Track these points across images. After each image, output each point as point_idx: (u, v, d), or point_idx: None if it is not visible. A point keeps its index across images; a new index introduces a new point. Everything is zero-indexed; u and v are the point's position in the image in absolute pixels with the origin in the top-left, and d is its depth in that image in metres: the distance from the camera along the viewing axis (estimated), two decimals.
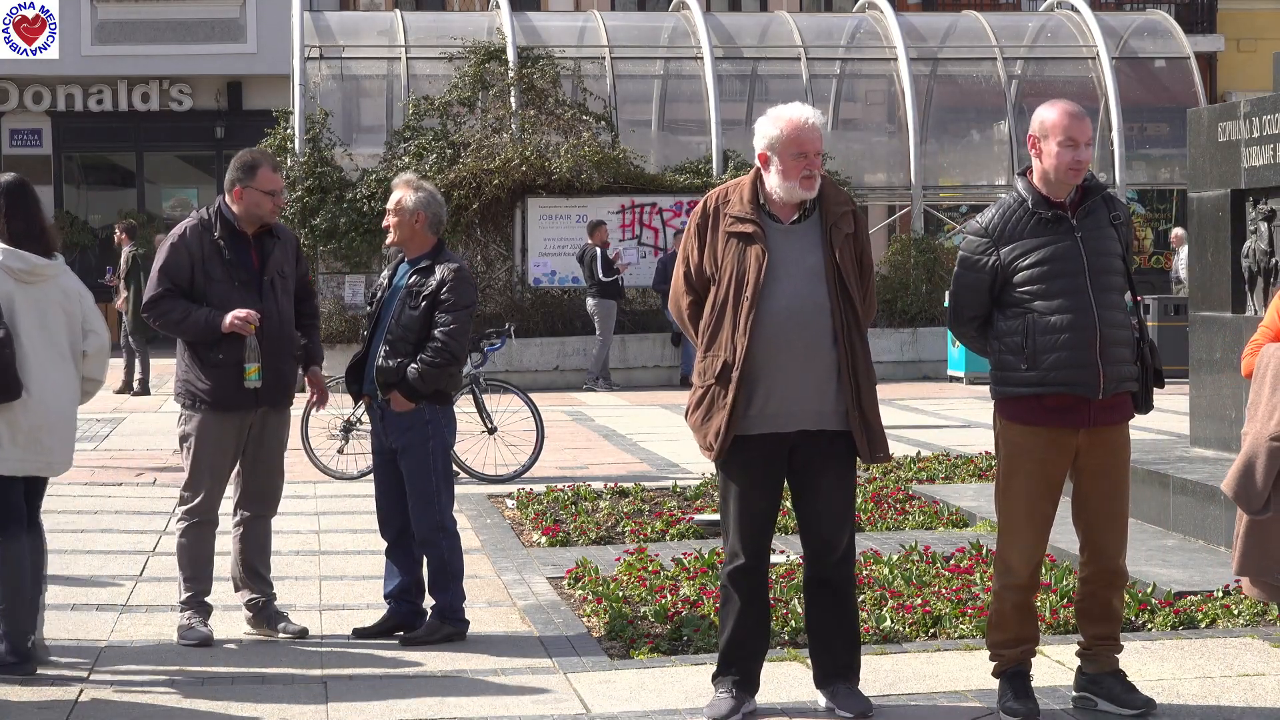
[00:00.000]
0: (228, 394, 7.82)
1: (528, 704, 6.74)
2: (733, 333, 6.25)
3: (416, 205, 7.94)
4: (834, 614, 6.46)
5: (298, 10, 24.50)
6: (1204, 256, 10.34)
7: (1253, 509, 6.03)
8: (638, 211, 23.77)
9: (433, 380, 7.84)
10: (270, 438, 8.02)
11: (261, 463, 8.03)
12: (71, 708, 6.75)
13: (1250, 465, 5.99)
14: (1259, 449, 5.95)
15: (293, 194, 22.97)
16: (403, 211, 7.94)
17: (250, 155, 8.03)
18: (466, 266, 8.19)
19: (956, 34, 26.96)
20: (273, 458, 8.06)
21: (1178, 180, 25.94)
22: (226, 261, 7.85)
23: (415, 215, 7.94)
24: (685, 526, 10.53)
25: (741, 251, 6.28)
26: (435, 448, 7.92)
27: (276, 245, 7.99)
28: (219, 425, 7.87)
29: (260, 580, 8.06)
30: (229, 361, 7.80)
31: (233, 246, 7.88)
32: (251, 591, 8.04)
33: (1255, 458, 5.95)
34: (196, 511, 7.94)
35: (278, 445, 8.08)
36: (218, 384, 7.82)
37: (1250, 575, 6.08)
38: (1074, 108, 6.31)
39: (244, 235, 7.92)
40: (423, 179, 8.29)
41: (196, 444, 7.90)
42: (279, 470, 8.13)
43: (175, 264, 7.86)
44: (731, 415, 6.24)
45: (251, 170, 7.88)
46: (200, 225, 7.90)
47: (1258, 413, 6.27)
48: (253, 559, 8.05)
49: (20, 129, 32.87)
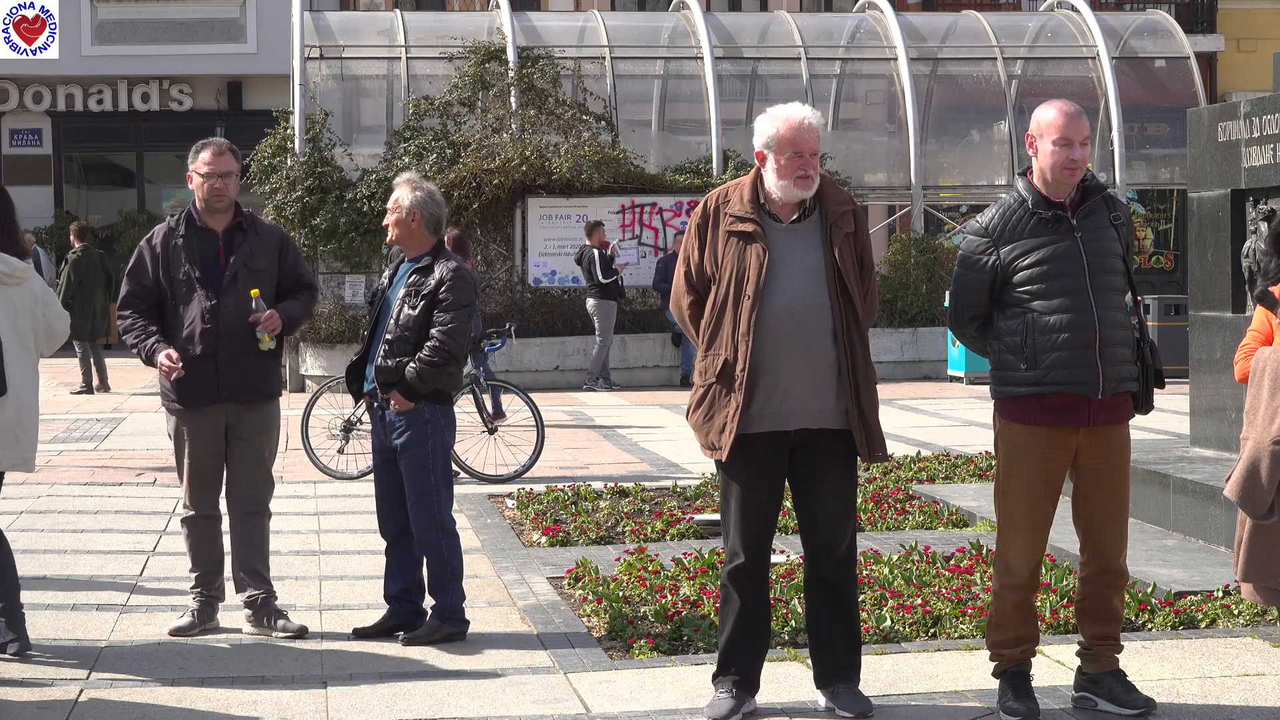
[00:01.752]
0: (188, 392, 7.93)
1: (528, 704, 6.74)
2: (733, 332, 6.26)
3: (413, 205, 7.96)
4: (835, 614, 6.46)
5: (298, 10, 24.50)
6: (1204, 256, 10.34)
7: (1258, 514, 6.03)
8: (638, 211, 23.77)
9: (431, 379, 7.84)
10: (247, 436, 8.03)
11: (240, 461, 8.06)
12: (71, 708, 6.75)
13: (1254, 470, 5.99)
14: (1262, 453, 5.94)
15: (293, 194, 22.98)
16: (400, 210, 7.98)
17: (201, 140, 8.16)
18: (466, 266, 8.18)
19: (956, 34, 26.95)
20: (250, 457, 8.06)
21: (1178, 180, 25.92)
22: (187, 257, 7.94)
23: (412, 215, 7.96)
24: (685, 526, 10.53)
25: (742, 251, 6.29)
26: (435, 447, 7.92)
27: (246, 240, 8.02)
28: (189, 422, 8.00)
29: (258, 579, 8.07)
30: (185, 358, 7.85)
31: (197, 242, 7.98)
32: (250, 590, 8.06)
33: (1259, 462, 5.95)
34: (187, 506, 8.12)
35: (255, 444, 8.06)
36: (178, 383, 7.93)
37: (1254, 581, 6.07)
38: (1070, 107, 6.31)
39: (210, 231, 8.00)
40: (425, 179, 8.31)
41: (174, 442, 8.11)
42: (260, 470, 8.10)
43: (138, 267, 8.04)
44: (734, 414, 6.24)
45: (194, 154, 8.05)
46: (169, 225, 8.06)
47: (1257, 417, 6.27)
48: (248, 558, 8.08)
49: (20, 129, 32.87)
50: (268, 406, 8.10)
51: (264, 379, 8.03)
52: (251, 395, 7.98)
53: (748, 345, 6.23)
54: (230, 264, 7.95)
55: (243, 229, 8.04)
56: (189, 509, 8.10)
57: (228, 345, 7.88)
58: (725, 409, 6.28)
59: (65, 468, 14.30)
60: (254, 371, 7.97)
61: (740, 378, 6.24)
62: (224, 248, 7.99)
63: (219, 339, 7.87)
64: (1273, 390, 5.93)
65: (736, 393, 6.24)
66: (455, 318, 7.86)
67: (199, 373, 7.88)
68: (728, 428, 6.26)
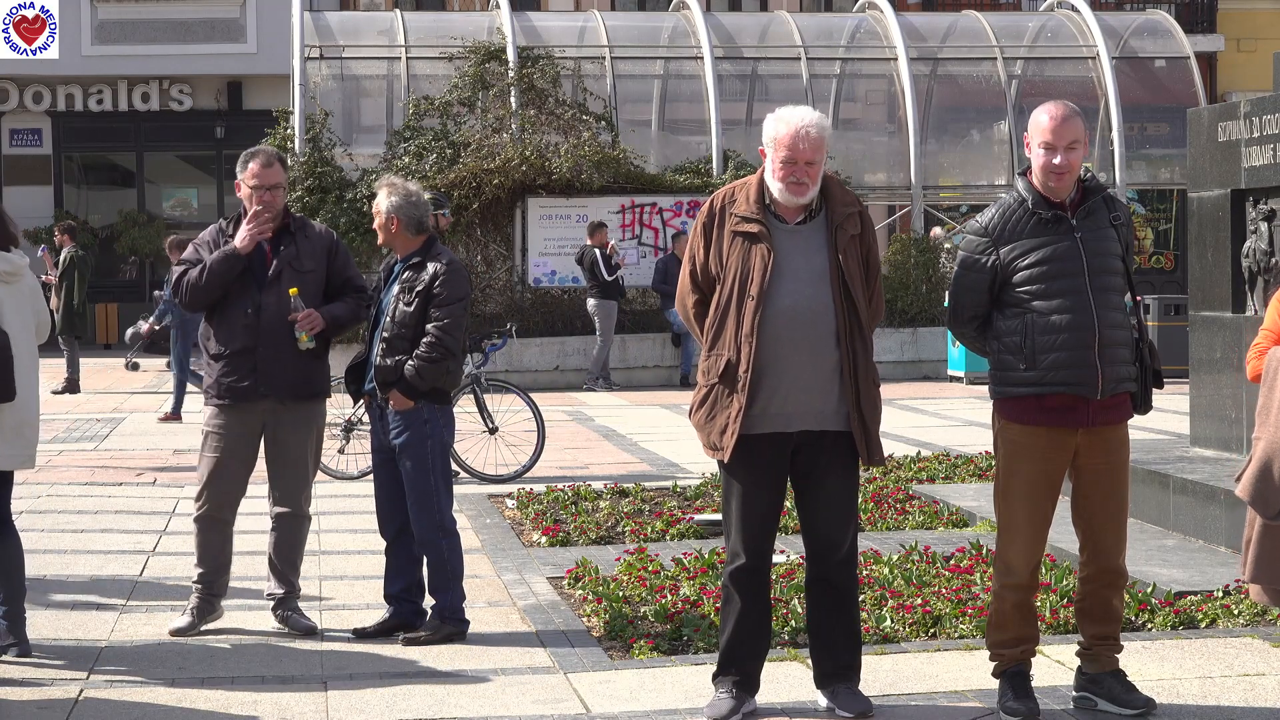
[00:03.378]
0: (225, 386, 7.92)
1: (528, 704, 6.74)
2: (736, 332, 6.26)
3: (390, 210, 7.96)
4: (835, 614, 6.45)
5: (298, 10, 24.50)
6: (1204, 256, 10.34)
7: (1269, 514, 6.02)
8: (638, 211, 23.77)
9: (430, 376, 7.83)
10: (284, 434, 8.02)
11: (277, 459, 8.06)
12: (71, 708, 6.75)
13: (1267, 469, 5.97)
14: (1275, 453, 5.92)
15: (293, 194, 22.97)
16: (379, 215, 8.02)
17: (251, 150, 8.18)
18: (458, 260, 8.13)
19: (956, 34, 26.96)
20: (288, 454, 8.05)
21: (1178, 180, 25.93)
22: None
23: (390, 219, 7.96)
24: (685, 526, 10.53)
25: (746, 251, 6.29)
26: (434, 447, 7.91)
27: (294, 241, 8.05)
28: (224, 419, 7.97)
29: (281, 576, 8.11)
30: (226, 352, 7.89)
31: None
32: (275, 585, 8.12)
33: (1272, 461, 5.92)
34: (200, 505, 8.07)
35: (294, 442, 8.04)
36: (217, 376, 7.96)
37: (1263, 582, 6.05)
38: (1061, 110, 6.28)
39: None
40: (406, 180, 8.31)
41: (204, 437, 8.08)
42: (298, 468, 8.08)
43: (193, 257, 8.07)
44: (736, 415, 6.24)
45: (243, 163, 8.07)
46: (219, 226, 8.14)
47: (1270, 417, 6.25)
48: (277, 554, 8.11)
49: (20, 129, 32.89)
50: (307, 406, 8.07)
51: (303, 379, 8.00)
52: (289, 394, 7.96)
53: (751, 346, 6.23)
54: (275, 264, 7.97)
55: (290, 231, 8.07)
56: (201, 508, 8.02)
57: (268, 343, 7.88)
58: (728, 410, 6.28)
59: (65, 468, 14.29)
60: (293, 370, 7.95)
61: (743, 379, 6.24)
62: (270, 248, 8.01)
63: (260, 336, 7.88)
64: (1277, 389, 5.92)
65: (739, 394, 6.24)
66: (450, 312, 7.85)
67: (238, 368, 7.89)
68: (730, 429, 6.26)
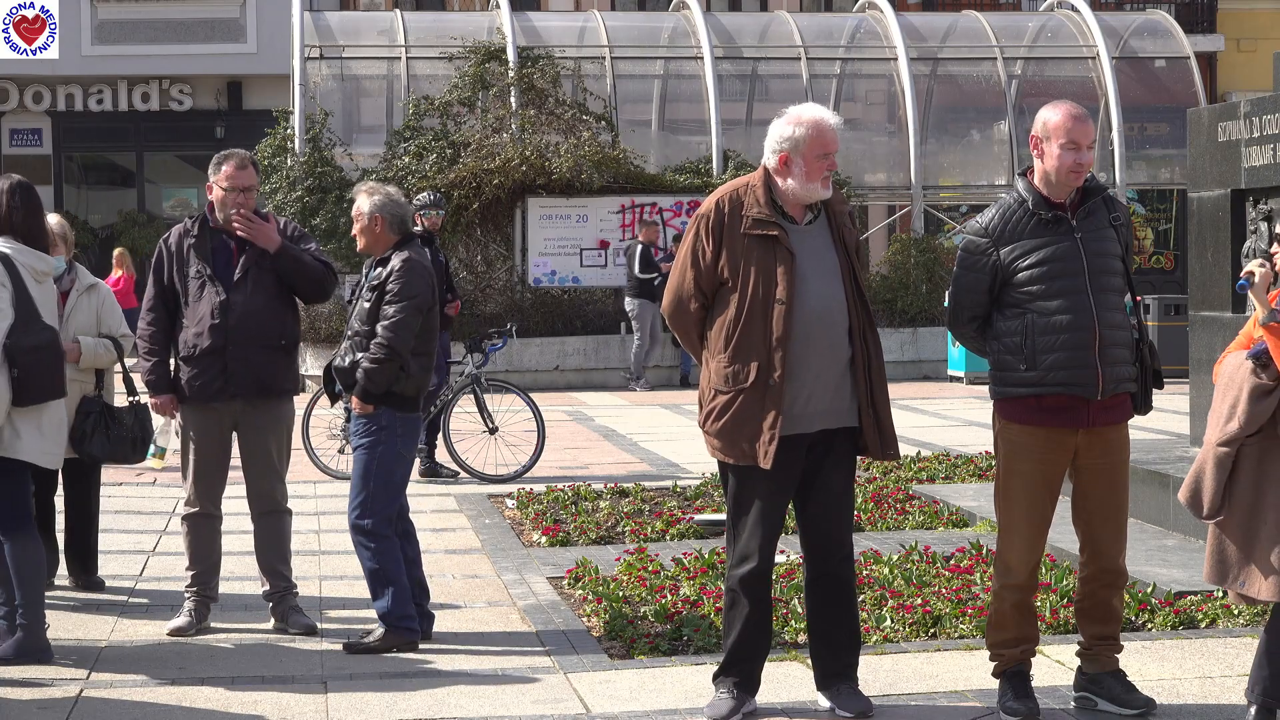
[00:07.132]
0: (194, 387, 7.98)
1: (528, 704, 6.75)
2: (766, 337, 6.17)
3: (373, 209, 7.85)
4: (838, 613, 6.45)
5: (298, 10, 24.51)
6: (1204, 256, 10.33)
7: (1204, 515, 6.07)
8: (638, 212, 23.77)
9: (379, 379, 7.55)
10: (255, 434, 8.04)
11: (249, 459, 8.10)
12: (71, 708, 6.75)
13: (1199, 471, 6.04)
14: (1207, 455, 6.00)
15: (293, 194, 22.99)
16: (362, 218, 7.89)
17: (223, 152, 8.19)
18: (421, 259, 7.81)
19: (956, 34, 26.96)
20: (259, 455, 8.07)
21: (1178, 180, 25.93)
22: (199, 255, 8.00)
23: (374, 219, 7.85)
24: (685, 526, 10.53)
25: (765, 254, 6.21)
26: (384, 454, 7.63)
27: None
28: (195, 418, 8.03)
29: (275, 575, 8.13)
30: (195, 354, 7.93)
31: (210, 241, 8.03)
32: (269, 584, 8.13)
33: (1205, 465, 6.00)
34: (188, 503, 8.14)
35: (264, 442, 8.05)
36: (185, 378, 8.01)
37: (1214, 583, 6.10)
38: (1077, 110, 6.30)
39: (222, 231, 8.04)
40: (384, 183, 8.28)
41: (180, 436, 8.15)
42: (270, 468, 8.09)
43: (157, 266, 8.13)
44: (774, 422, 6.13)
45: (217, 165, 8.08)
46: (184, 226, 8.14)
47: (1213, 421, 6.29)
48: (265, 555, 8.13)
49: (20, 129, 32.85)
50: (277, 404, 8.08)
51: (273, 376, 8.00)
52: (259, 392, 7.98)
53: (784, 351, 6.16)
54: (242, 262, 7.98)
55: None
56: (190, 505, 8.11)
57: (237, 341, 7.90)
58: (763, 417, 6.16)
59: None
60: (263, 368, 7.96)
61: (779, 384, 6.15)
62: (237, 247, 8.02)
63: (228, 335, 7.89)
64: (1223, 394, 5.97)
65: (776, 400, 6.15)
66: (400, 310, 7.58)
67: (207, 368, 7.92)
68: (769, 435, 6.14)
